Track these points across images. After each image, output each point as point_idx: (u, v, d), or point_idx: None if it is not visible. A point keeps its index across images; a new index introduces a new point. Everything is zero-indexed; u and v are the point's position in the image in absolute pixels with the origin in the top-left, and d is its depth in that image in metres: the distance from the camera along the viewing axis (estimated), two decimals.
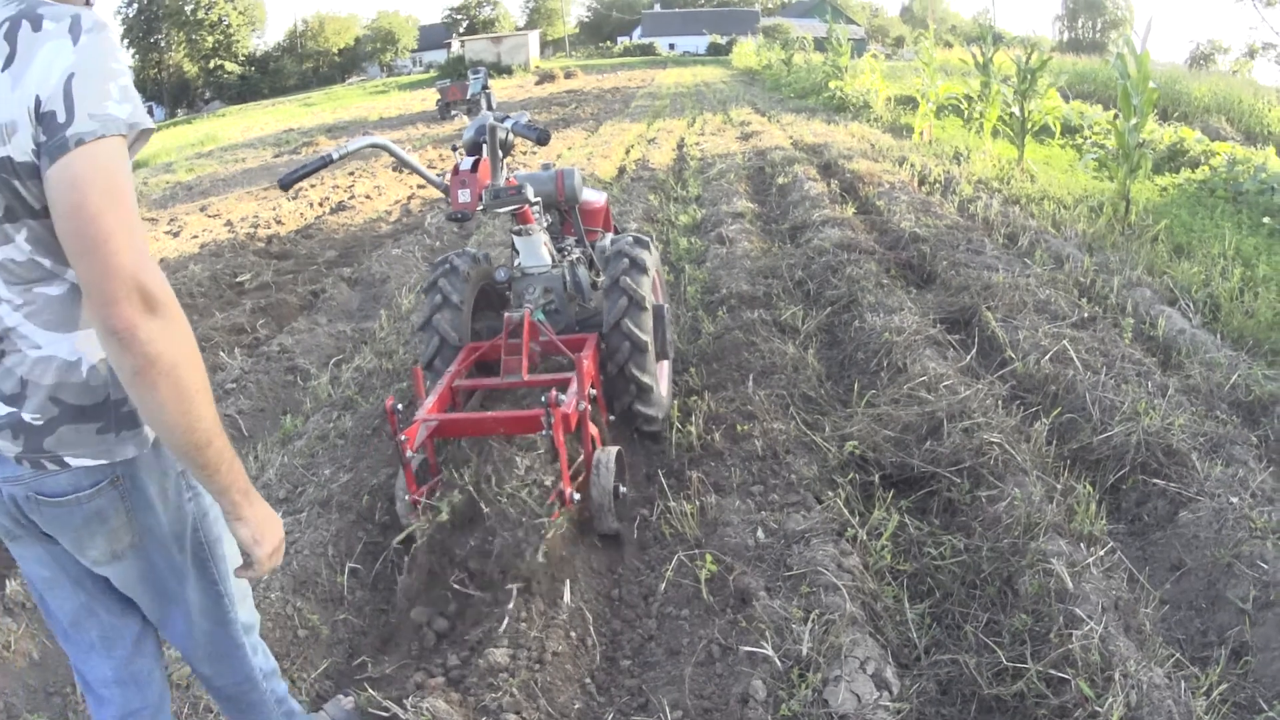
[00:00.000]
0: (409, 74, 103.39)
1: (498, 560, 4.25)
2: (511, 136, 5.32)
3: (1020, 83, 15.30)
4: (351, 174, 19.92)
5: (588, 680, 3.88)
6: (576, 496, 4.48)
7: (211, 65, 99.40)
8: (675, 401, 6.08)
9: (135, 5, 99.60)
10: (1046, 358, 6.14)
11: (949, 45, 53.88)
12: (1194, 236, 9.98)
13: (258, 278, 10.79)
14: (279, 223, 15.05)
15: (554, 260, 5.71)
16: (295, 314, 9.50)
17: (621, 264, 5.39)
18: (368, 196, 16.85)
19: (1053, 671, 3.42)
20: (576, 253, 5.93)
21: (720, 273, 8.80)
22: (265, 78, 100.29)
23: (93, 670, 2.65)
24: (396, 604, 4.43)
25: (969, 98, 18.33)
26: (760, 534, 4.43)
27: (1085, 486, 4.79)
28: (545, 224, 5.70)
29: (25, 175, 2.01)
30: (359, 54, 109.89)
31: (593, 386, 5.08)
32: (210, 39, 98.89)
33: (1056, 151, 17.60)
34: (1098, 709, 3.20)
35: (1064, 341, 6.28)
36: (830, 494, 4.79)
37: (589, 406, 4.77)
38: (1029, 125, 15.35)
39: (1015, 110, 15.44)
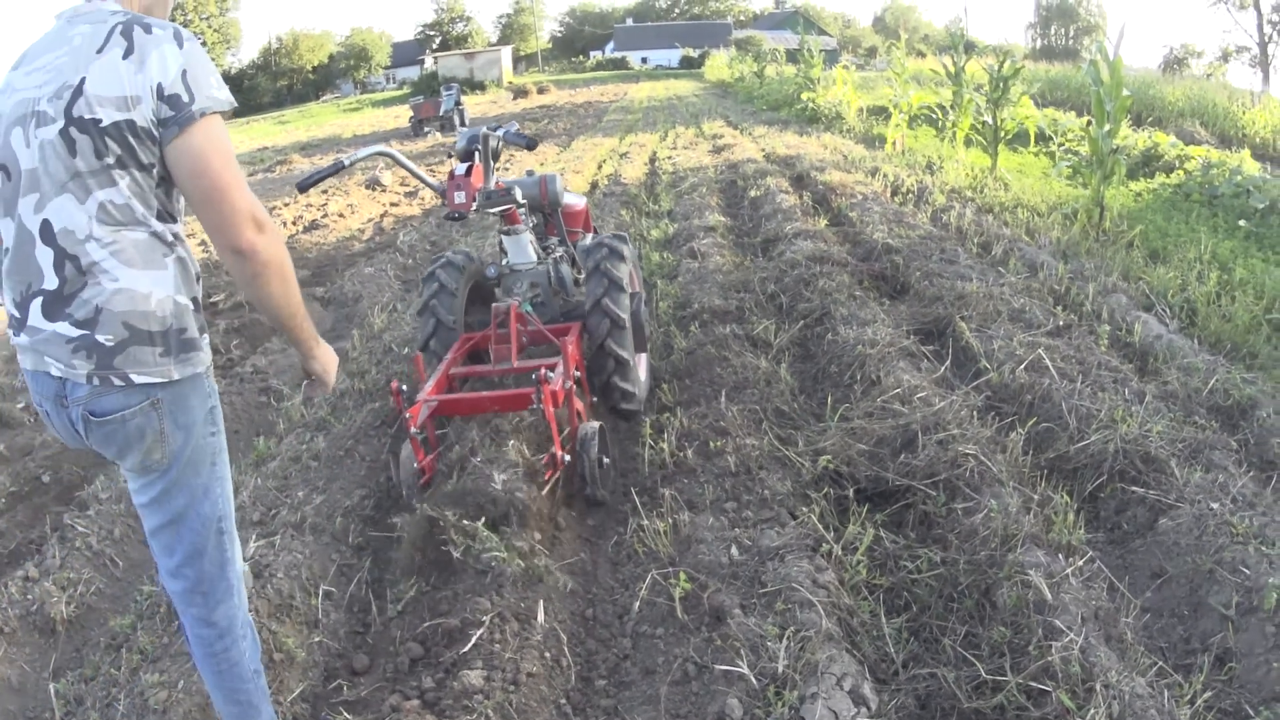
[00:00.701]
0: (383, 91, 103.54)
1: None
2: (501, 144, 5.97)
3: (993, 91, 15.37)
4: (325, 192, 19.85)
5: (563, 701, 3.84)
6: (567, 458, 5.13)
7: None
8: (649, 419, 6.07)
9: None
10: (1022, 367, 6.11)
11: (921, 55, 54.07)
12: (1169, 241, 10.02)
13: (231, 298, 10.70)
14: None
15: (539, 258, 6.28)
16: (269, 334, 9.42)
17: (601, 252, 5.96)
18: (341, 215, 16.77)
19: (1033, 684, 3.40)
20: (559, 251, 6.54)
21: (692, 287, 8.76)
22: (239, 95, 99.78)
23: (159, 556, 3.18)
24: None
25: (941, 107, 18.38)
26: (734, 551, 4.38)
27: (1063, 496, 4.76)
28: (531, 225, 6.30)
29: (142, 136, 2.69)
30: (333, 71, 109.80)
31: (577, 369, 5.65)
32: None
33: (1030, 159, 17.67)
34: None
35: (1039, 350, 6.26)
36: (804, 509, 4.75)
37: (574, 385, 5.39)
38: (1002, 133, 15.42)
39: (988, 119, 15.52)
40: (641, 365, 6.44)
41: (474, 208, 5.70)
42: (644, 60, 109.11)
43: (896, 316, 7.62)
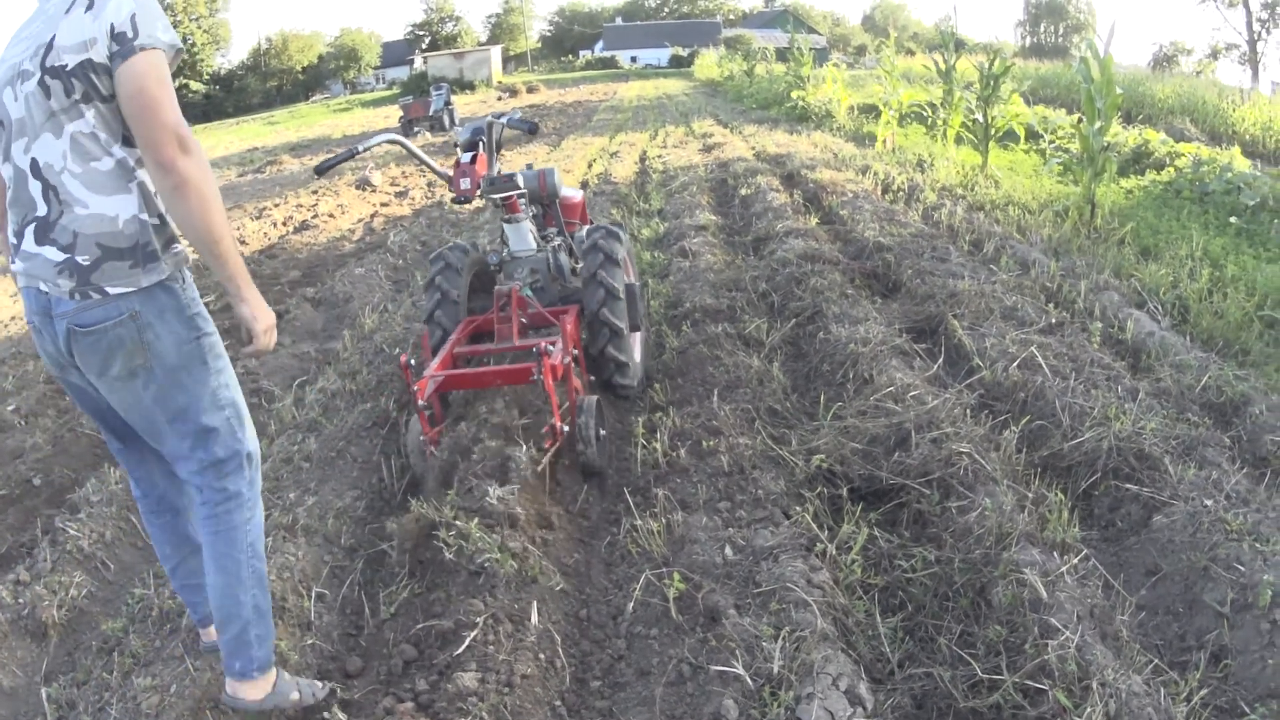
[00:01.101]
0: (372, 91, 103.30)
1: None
2: (504, 130, 6.57)
3: (983, 89, 15.36)
4: (315, 192, 19.82)
5: (558, 703, 3.82)
6: (565, 429, 5.41)
7: (177, 84, 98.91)
8: (641, 419, 6.07)
9: None
10: (1014, 365, 6.11)
11: (911, 53, 54.20)
12: (1161, 238, 10.02)
13: (220, 299, 10.66)
14: (243, 243, 14.92)
15: (539, 245, 6.61)
16: None
17: (599, 232, 6.41)
18: (331, 215, 16.72)
19: (1029, 682, 3.39)
20: (557, 240, 6.80)
21: (684, 286, 8.76)
22: (229, 96, 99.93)
23: (126, 462, 3.77)
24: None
25: (932, 105, 18.37)
26: (728, 551, 4.36)
27: (1057, 494, 4.75)
28: (530, 215, 6.61)
29: (100, 72, 3.12)
30: (322, 71, 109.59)
31: (575, 348, 6.01)
32: None
33: (1020, 157, 17.66)
34: (1076, 719, 3.16)
35: (1032, 348, 6.26)
36: (798, 509, 4.73)
37: (572, 362, 5.70)
38: (992, 131, 15.41)
39: (978, 116, 15.49)
40: (637, 345, 6.77)
41: (479, 194, 6.09)
42: (633, 59, 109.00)
43: (888, 315, 7.62)
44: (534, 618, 4.11)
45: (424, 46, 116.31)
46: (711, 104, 39.43)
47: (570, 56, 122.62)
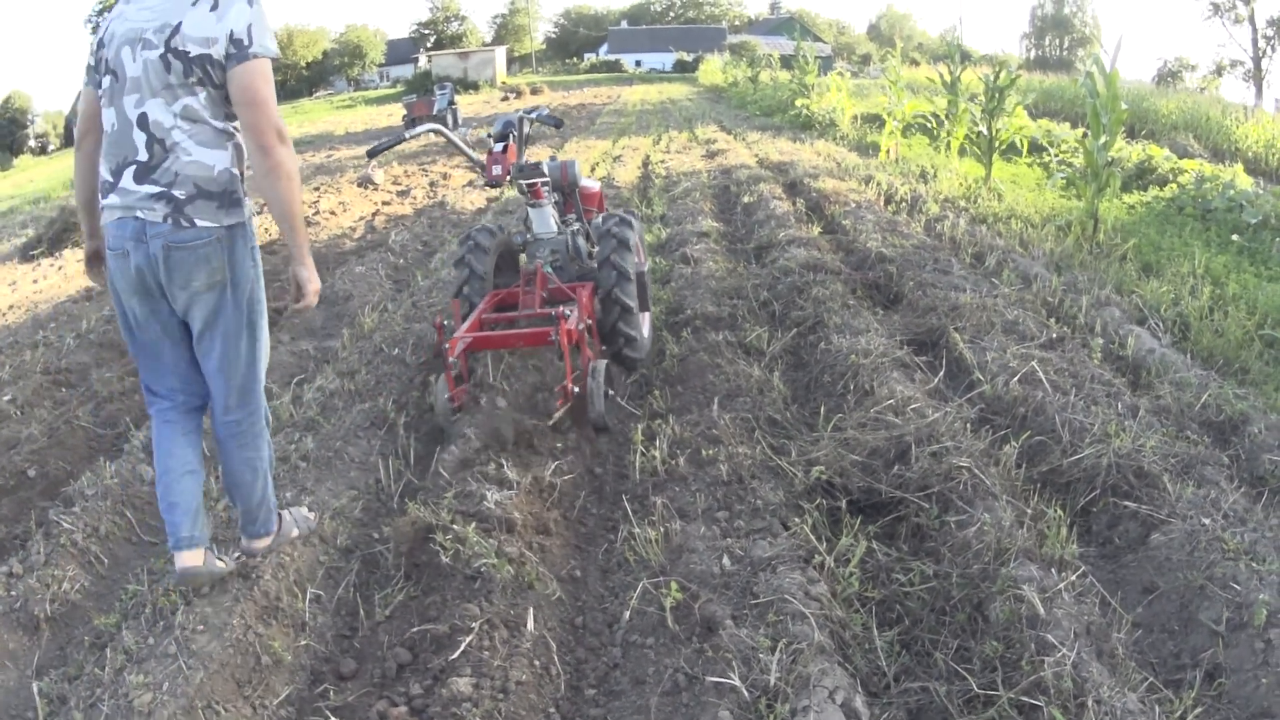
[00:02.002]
0: (376, 88, 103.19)
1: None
2: (533, 124, 7.40)
3: (988, 101, 15.37)
4: (317, 189, 19.76)
5: (552, 710, 3.81)
6: (576, 390, 6.01)
7: None
8: (640, 426, 6.08)
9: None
10: (1015, 379, 6.11)
11: (916, 63, 54.23)
12: (1163, 255, 10.03)
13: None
14: None
15: (559, 229, 7.21)
16: None
17: (613, 220, 7.06)
18: (332, 212, 16.66)
19: (1024, 699, 3.39)
20: (576, 226, 7.46)
21: (685, 293, 8.76)
22: None
23: (155, 380, 4.37)
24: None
25: (936, 116, 18.39)
26: (726, 561, 4.35)
27: (1055, 510, 4.75)
28: (552, 202, 7.19)
29: (215, 67, 3.95)
30: (326, 68, 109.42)
31: (589, 319, 6.65)
32: None
33: (1024, 170, 17.68)
34: None
35: (1032, 363, 6.26)
36: (797, 520, 4.72)
37: (585, 331, 6.37)
38: (996, 143, 15.41)
39: (982, 128, 15.50)
40: (645, 322, 7.37)
41: (509, 179, 6.85)
42: (638, 63, 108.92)
43: (890, 326, 7.61)
44: (530, 624, 4.10)
45: (429, 45, 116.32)
46: (715, 110, 39.45)
47: (575, 59, 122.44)
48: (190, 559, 4.24)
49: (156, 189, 3.95)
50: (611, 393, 6.32)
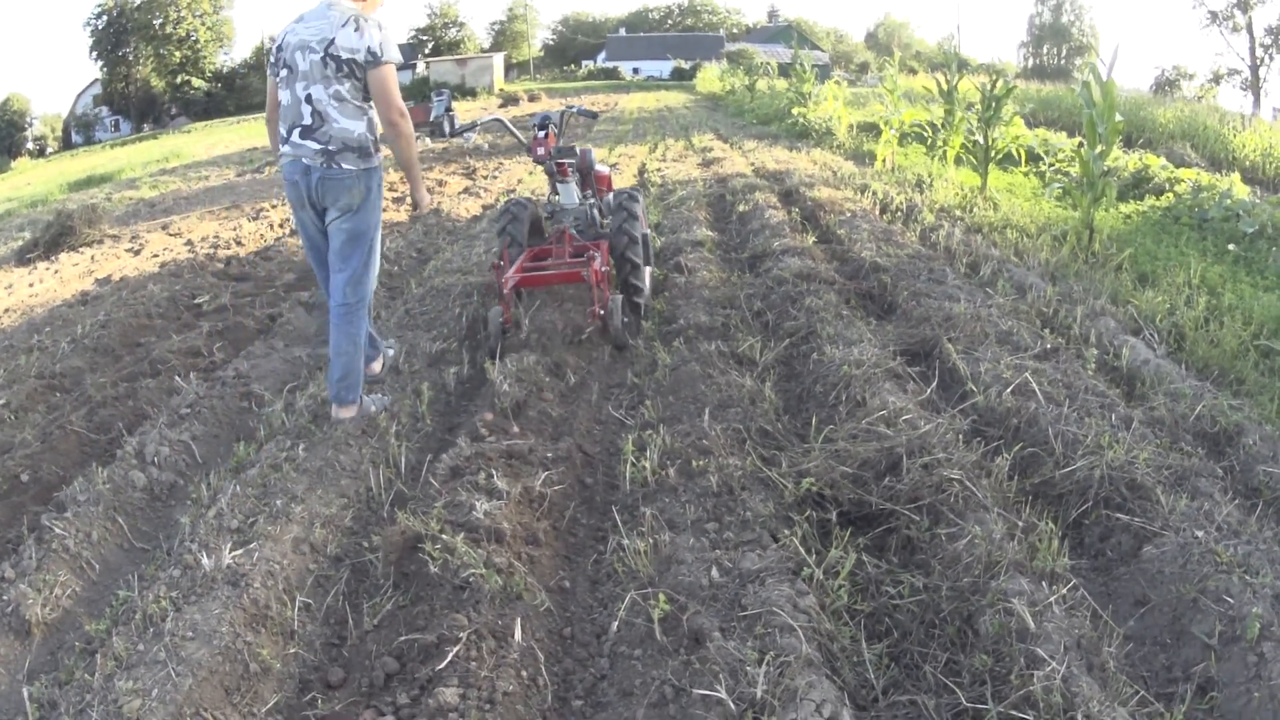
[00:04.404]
0: None
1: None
2: (570, 117, 9.63)
3: (984, 110, 15.35)
4: None
5: None
6: (602, 311, 7.94)
7: (179, 81, 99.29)
8: (631, 436, 6.07)
9: (104, 18, 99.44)
10: (1008, 390, 6.10)
11: (913, 72, 54.36)
12: (1158, 265, 10.03)
13: (216, 300, 10.64)
14: (239, 244, 14.93)
15: (580, 201, 9.14)
16: (252, 338, 9.34)
17: (624, 195, 8.93)
18: None
19: (1014, 713, 3.38)
20: (592, 200, 9.30)
21: (679, 303, 8.76)
22: (231, 95, 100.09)
23: (324, 284, 6.70)
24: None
25: (932, 125, 18.35)
26: (714, 573, 4.33)
27: (1047, 523, 4.73)
28: (576, 179, 9.09)
29: (357, 68, 6.07)
30: None
31: (606, 265, 8.31)
32: (178, 54, 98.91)
33: (1020, 179, 17.68)
34: None
35: (1026, 374, 6.24)
36: (786, 532, 4.70)
37: (605, 273, 8.07)
38: (993, 153, 15.40)
39: (979, 138, 15.49)
40: (647, 275, 8.96)
41: (550, 158, 8.68)
42: (635, 71, 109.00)
43: (883, 337, 7.59)
44: (517, 634, 4.09)
45: (426, 51, 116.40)
46: (712, 118, 39.48)
47: (573, 66, 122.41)
48: (344, 411, 6.50)
49: (317, 145, 6.12)
50: (627, 319, 8.35)
